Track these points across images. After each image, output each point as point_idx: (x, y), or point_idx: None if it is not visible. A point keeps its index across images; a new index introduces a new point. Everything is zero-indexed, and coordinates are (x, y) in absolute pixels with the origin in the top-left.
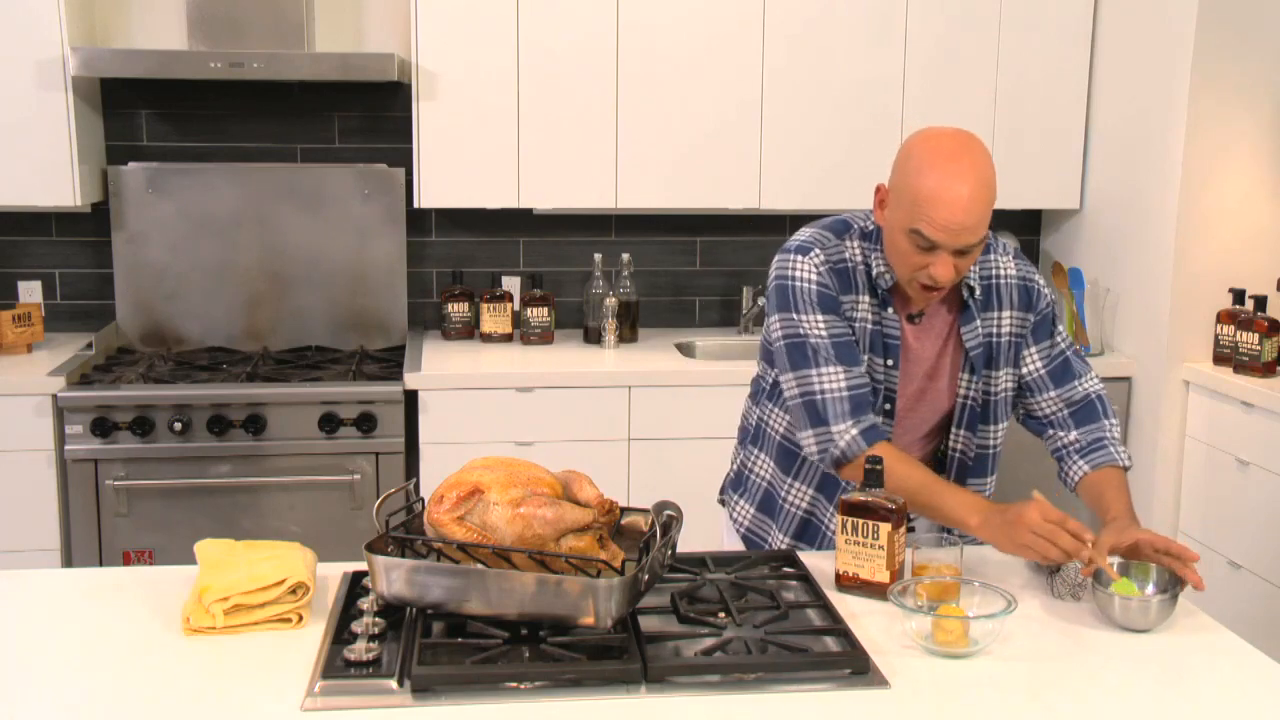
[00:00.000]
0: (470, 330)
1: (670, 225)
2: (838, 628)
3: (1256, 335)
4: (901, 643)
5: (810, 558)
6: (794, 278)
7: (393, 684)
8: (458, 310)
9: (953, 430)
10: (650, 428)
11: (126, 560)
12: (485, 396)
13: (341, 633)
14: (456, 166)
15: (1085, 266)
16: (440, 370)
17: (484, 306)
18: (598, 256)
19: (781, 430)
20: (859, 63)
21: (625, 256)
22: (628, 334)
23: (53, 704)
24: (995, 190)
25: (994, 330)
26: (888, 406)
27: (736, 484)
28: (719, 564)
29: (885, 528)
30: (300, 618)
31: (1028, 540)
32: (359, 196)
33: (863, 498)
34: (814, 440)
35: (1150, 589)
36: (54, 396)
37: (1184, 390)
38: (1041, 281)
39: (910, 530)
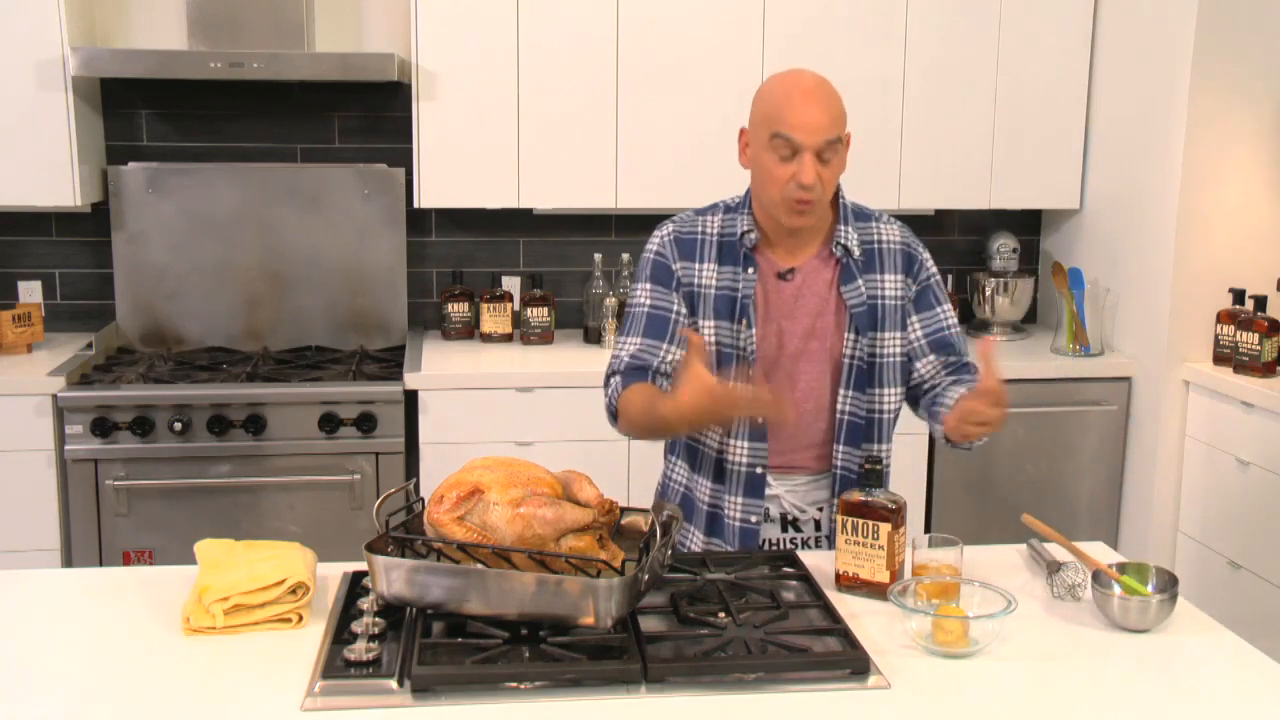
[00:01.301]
0: (470, 330)
1: None
2: (838, 628)
3: (1256, 335)
4: (901, 643)
5: (810, 557)
6: (646, 249)
7: (393, 684)
8: (458, 310)
9: (840, 390)
10: None
11: (126, 560)
12: (485, 396)
13: (341, 633)
14: (456, 166)
15: (1085, 266)
16: (440, 370)
17: (484, 306)
18: (598, 256)
19: (714, 445)
20: (859, 63)
21: (625, 256)
22: None
23: (53, 704)
24: (841, 100)
25: (879, 292)
26: (750, 370)
27: (661, 495)
28: (719, 564)
29: (885, 528)
30: (300, 618)
31: (705, 405)
32: (359, 196)
33: (862, 497)
34: (603, 395)
35: (1150, 589)
36: (54, 396)
37: (1184, 390)
38: (926, 254)
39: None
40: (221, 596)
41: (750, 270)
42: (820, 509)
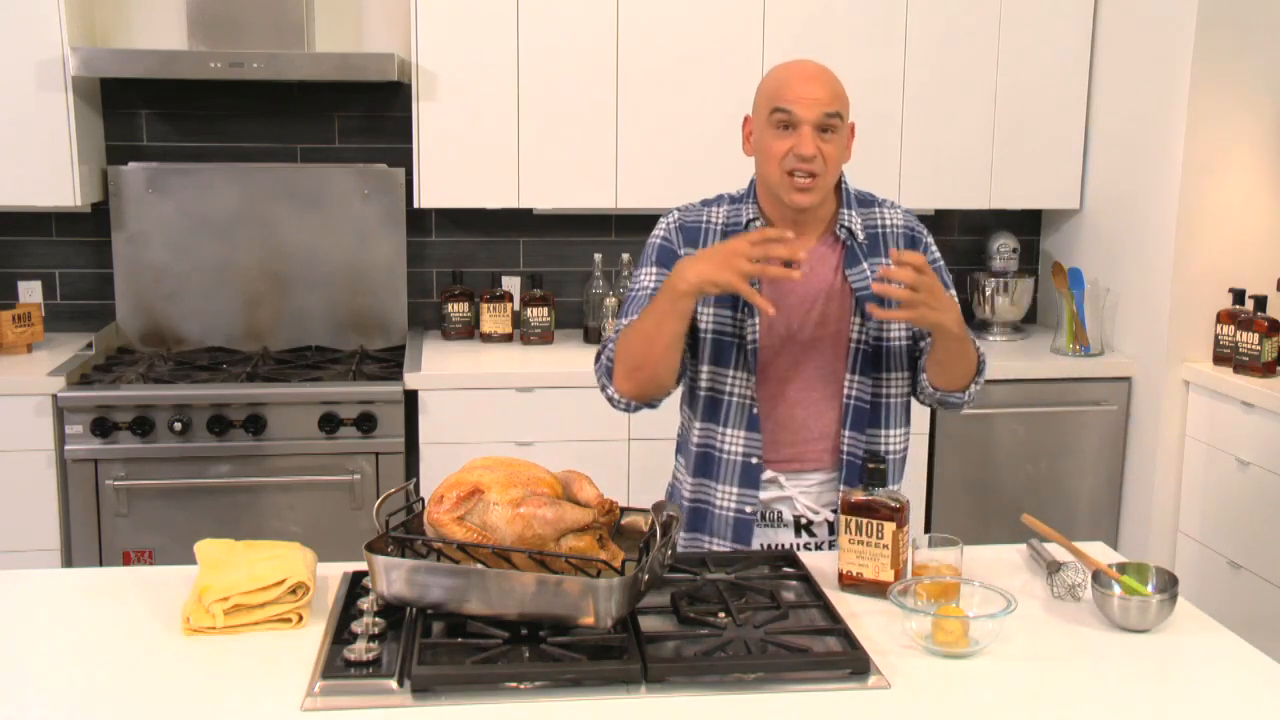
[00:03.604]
0: (470, 330)
1: None
2: (838, 628)
3: (1256, 335)
4: (901, 643)
5: (810, 557)
6: (652, 236)
7: (393, 684)
8: (458, 310)
9: (847, 375)
10: (650, 428)
11: (126, 560)
12: (485, 396)
13: (341, 633)
14: (456, 166)
15: (1085, 266)
16: (440, 370)
17: (484, 306)
18: (598, 256)
19: (696, 439)
20: (859, 63)
21: (625, 256)
22: None
23: (53, 704)
24: (842, 85)
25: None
26: (751, 359)
27: (670, 497)
28: (719, 564)
29: (890, 527)
30: (300, 618)
31: (728, 250)
32: (359, 196)
33: (865, 497)
34: (595, 370)
35: (1150, 589)
36: (54, 396)
37: (1184, 390)
38: (930, 239)
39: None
40: (221, 596)
41: None
42: (834, 510)
